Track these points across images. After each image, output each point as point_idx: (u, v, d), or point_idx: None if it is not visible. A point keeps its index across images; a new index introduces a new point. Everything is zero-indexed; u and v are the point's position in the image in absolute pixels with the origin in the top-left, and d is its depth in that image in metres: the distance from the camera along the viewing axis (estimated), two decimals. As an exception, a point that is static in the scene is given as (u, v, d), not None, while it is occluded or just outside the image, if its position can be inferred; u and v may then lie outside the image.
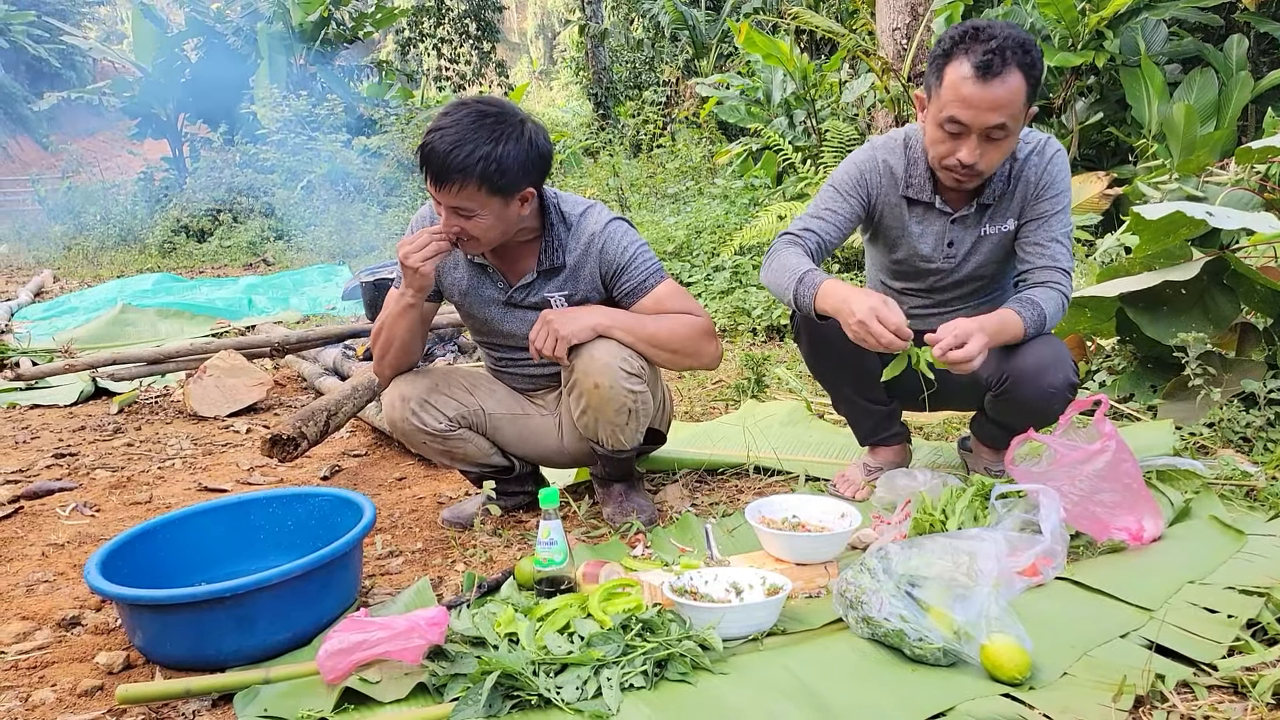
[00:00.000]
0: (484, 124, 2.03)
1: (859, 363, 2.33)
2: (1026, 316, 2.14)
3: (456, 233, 2.10)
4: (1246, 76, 5.09)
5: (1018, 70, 2.00)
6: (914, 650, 1.60)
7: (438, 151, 2.00)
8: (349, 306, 6.64)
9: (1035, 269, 2.23)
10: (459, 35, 17.99)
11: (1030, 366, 2.17)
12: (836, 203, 2.30)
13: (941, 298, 2.42)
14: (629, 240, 2.27)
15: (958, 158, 2.08)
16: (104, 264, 10.99)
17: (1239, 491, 2.27)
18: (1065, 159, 2.26)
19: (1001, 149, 2.09)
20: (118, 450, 3.54)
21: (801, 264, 2.17)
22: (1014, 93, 2.01)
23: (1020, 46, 2.01)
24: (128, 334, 6.12)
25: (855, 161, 2.33)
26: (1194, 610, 1.72)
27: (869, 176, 2.30)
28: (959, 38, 2.04)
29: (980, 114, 2.02)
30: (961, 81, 2.02)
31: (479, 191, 2.03)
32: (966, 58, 2.01)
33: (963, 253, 2.32)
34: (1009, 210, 2.28)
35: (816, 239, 2.28)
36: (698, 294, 5.45)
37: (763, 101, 7.86)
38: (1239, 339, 2.90)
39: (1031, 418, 2.19)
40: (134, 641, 1.83)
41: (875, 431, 2.51)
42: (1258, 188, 3.33)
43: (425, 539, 2.45)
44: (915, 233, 2.33)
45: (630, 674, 1.59)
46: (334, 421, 3.06)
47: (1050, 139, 2.26)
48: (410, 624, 1.61)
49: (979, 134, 2.05)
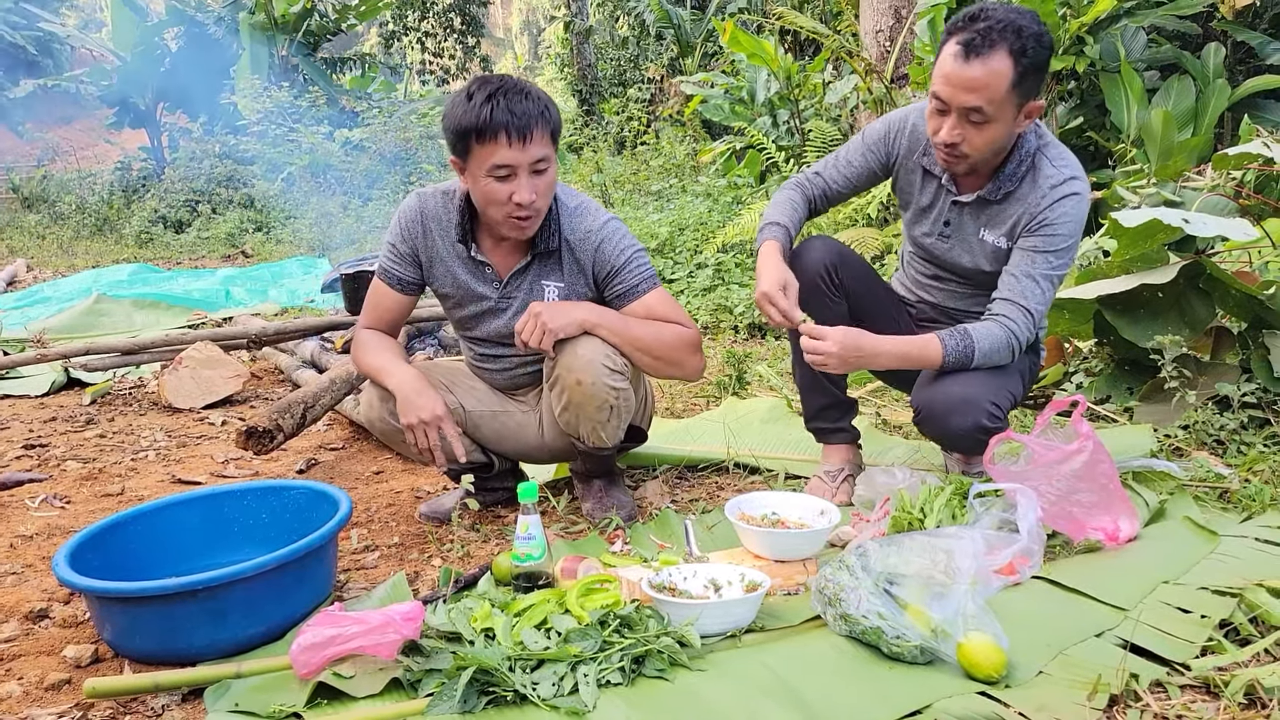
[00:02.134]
0: (520, 82, 2.08)
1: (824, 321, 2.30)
2: (950, 348, 2.12)
3: (532, 201, 2.08)
4: (1223, 84, 5.14)
5: (1005, 53, 1.97)
6: (891, 648, 1.60)
7: (514, 106, 2.01)
8: (328, 299, 6.59)
9: (998, 300, 2.17)
10: (443, 29, 17.89)
11: (937, 405, 2.17)
12: (856, 155, 2.36)
13: (939, 273, 2.41)
14: (626, 243, 2.25)
15: (940, 136, 2.09)
16: (79, 254, 10.84)
17: (1213, 493, 2.29)
18: (1081, 205, 2.13)
19: (985, 134, 2.06)
20: (89, 442, 3.49)
21: (781, 212, 2.29)
22: (993, 75, 1.98)
23: (1014, 30, 1.97)
24: (102, 324, 6.04)
25: (891, 118, 2.35)
26: (1168, 610, 1.73)
27: (894, 136, 2.33)
28: (961, 17, 2.04)
29: (957, 93, 2.02)
30: (946, 58, 2.03)
31: (550, 139, 2.08)
32: (959, 35, 2.02)
33: (957, 241, 2.30)
34: (1006, 222, 2.20)
35: (823, 185, 2.38)
36: (679, 291, 5.45)
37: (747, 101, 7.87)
38: (1214, 342, 2.93)
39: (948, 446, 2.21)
40: (103, 635, 1.80)
41: (820, 416, 2.50)
42: (1233, 194, 3.36)
43: (402, 534, 2.43)
44: (921, 203, 2.34)
45: (607, 670, 1.58)
46: (311, 414, 3.03)
47: (1077, 180, 2.14)
48: (385, 619, 1.60)
49: (958, 113, 2.04)
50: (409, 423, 2.16)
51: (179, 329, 5.50)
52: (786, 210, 2.31)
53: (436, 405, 2.17)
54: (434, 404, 2.17)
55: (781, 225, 2.27)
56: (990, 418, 2.12)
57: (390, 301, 2.34)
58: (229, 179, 12.52)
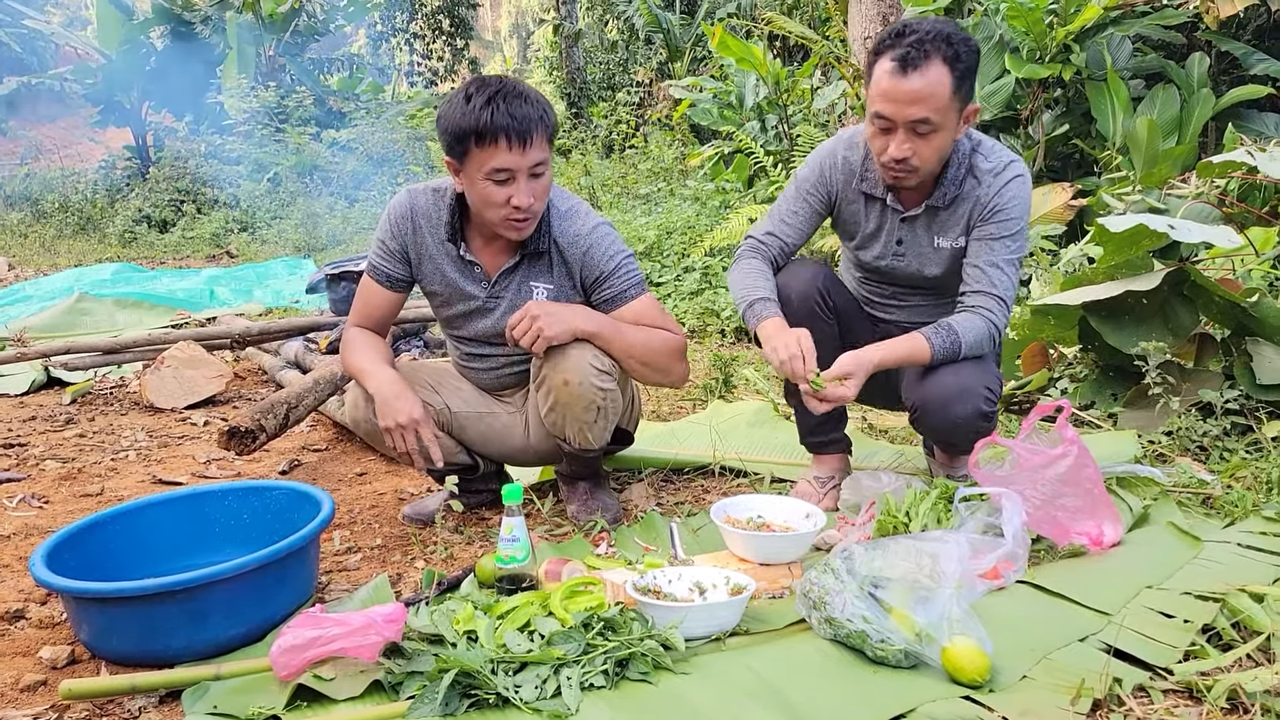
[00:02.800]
0: (518, 85, 2.07)
1: (819, 344, 2.30)
2: (936, 345, 2.14)
3: (530, 205, 2.07)
4: (1208, 93, 5.18)
5: (940, 62, 1.99)
6: (875, 651, 1.60)
7: (513, 111, 2.00)
8: (313, 300, 6.55)
9: (969, 293, 2.20)
10: (432, 31, 17.84)
11: (935, 398, 2.18)
12: (798, 203, 2.34)
13: (896, 290, 2.42)
14: (615, 248, 2.25)
15: (889, 153, 2.08)
16: (62, 252, 10.75)
17: (1196, 499, 2.30)
18: (1025, 185, 2.20)
19: (933, 144, 2.07)
20: (69, 441, 3.45)
21: (757, 286, 2.25)
22: (934, 85, 2.00)
23: (944, 39, 2.00)
24: (84, 323, 5.98)
25: (818, 157, 2.34)
26: (1151, 615, 1.73)
27: (829, 174, 2.32)
28: (887, 35, 2.06)
29: (901, 107, 2.02)
30: (883, 76, 2.03)
31: (548, 142, 2.07)
32: (889, 53, 2.02)
33: (912, 255, 2.31)
34: (959, 223, 2.24)
35: (780, 244, 2.35)
36: (667, 294, 5.45)
37: (735, 105, 7.88)
38: (1197, 349, 2.94)
39: (948, 442, 2.21)
40: (79, 636, 1.78)
41: (817, 432, 2.49)
42: (1217, 201, 3.39)
43: (385, 535, 2.42)
44: (867, 229, 2.33)
45: (591, 673, 1.57)
46: (294, 415, 3.00)
47: (1015, 163, 2.21)
48: (367, 620, 1.58)
49: (905, 128, 2.04)
50: (387, 426, 2.15)
51: (162, 328, 5.46)
52: (763, 282, 2.26)
53: (415, 409, 2.16)
54: (412, 407, 2.15)
55: (772, 300, 2.23)
56: (986, 402, 2.16)
57: (379, 299, 2.33)
58: (214, 179, 12.45)
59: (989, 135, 5.57)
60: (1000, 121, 5.59)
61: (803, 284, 2.30)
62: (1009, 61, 5.21)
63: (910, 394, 2.29)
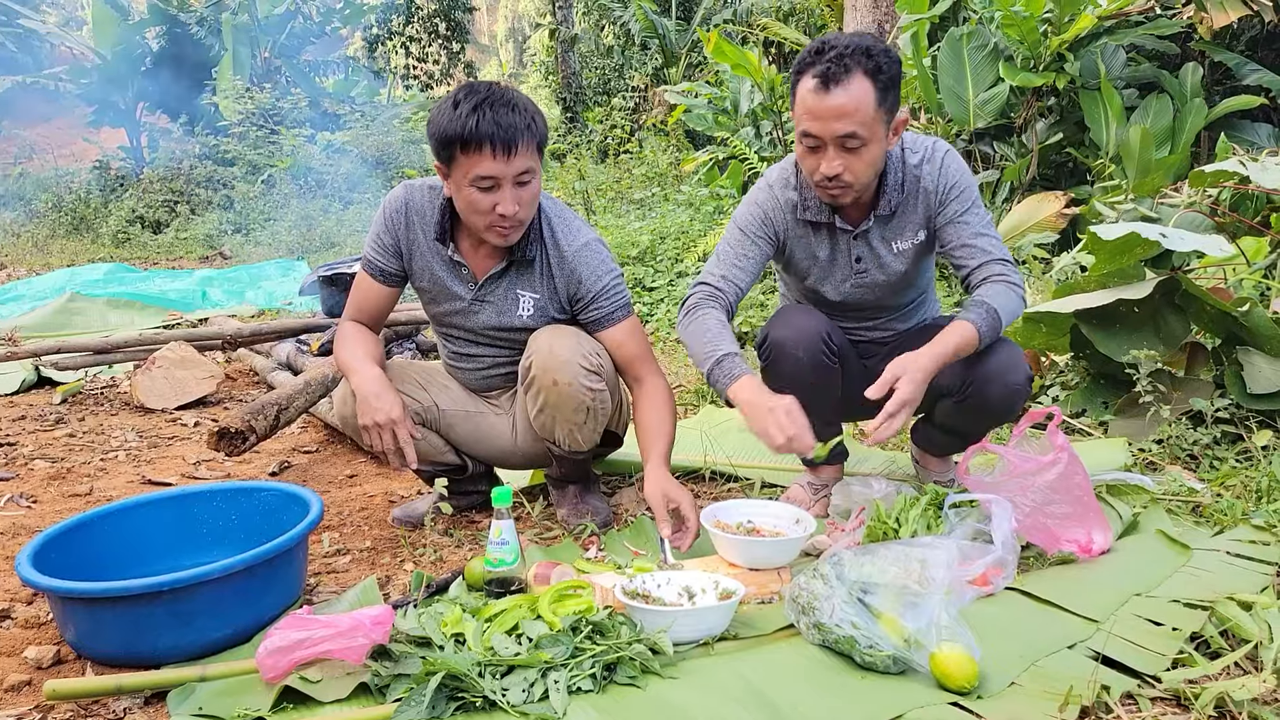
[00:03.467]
0: (507, 92, 2.06)
1: (824, 391, 2.29)
2: (981, 326, 2.05)
3: (515, 213, 2.06)
4: (1200, 103, 5.20)
5: (862, 75, 1.97)
6: (864, 657, 1.60)
7: (499, 118, 1.99)
8: (306, 302, 6.54)
9: (975, 269, 2.16)
10: (428, 34, 17.84)
11: (992, 368, 2.16)
12: (746, 246, 2.25)
13: (862, 309, 2.37)
14: (604, 267, 2.24)
15: (821, 171, 2.05)
16: (54, 252, 10.72)
17: (1185, 507, 2.31)
18: (956, 156, 2.22)
19: (864, 158, 2.04)
20: (59, 441, 3.44)
21: (720, 339, 2.09)
22: (858, 98, 1.97)
23: (863, 52, 1.97)
24: (76, 323, 5.96)
25: (757, 202, 2.27)
26: (1140, 623, 1.74)
27: (772, 215, 2.25)
28: (807, 54, 2.02)
29: (827, 124, 1.99)
30: (807, 94, 2.01)
31: (536, 151, 2.06)
32: (811, 70, 1.99)
33: (874, 269, 2.27)
34: (913, 221, 2.22)
35: (735, 290, 2.21)
36: (660, 299, 5.45)
37: (730, 111, 7.88)
38: (1188, 358, 2.95)
39: (994, 419, 2.19)
40: (65, 636, 1.77)
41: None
42: (1209, 211, 3.40)
43: (374, 537, 2.41)
44: (822, 257, 2.28)
45: (578, 677, 1.56)
46: (285, 416, 3.00)
47: (937, 142, 2.22)
48: (354, 623, 1.58)
49: (833, 144, 2.01)
50: (364, 424, 2.15)
51: (153, 329, 5.44)
52: (726, 335, 2.11)
53: (393, 409, 2.14)
54: (391, 407, 2.14)
55: (738, 355, 2.08)
56: (1029, 370, 2.18)
57: (373, 293, 2.32)
58: (209, 180, 12.43)
59: (983, 143, 5.61)
60: (994, 129, 5.60)
61: (809, 337, 2.21)
62: (1003, 69, 5.23)
63: (951, 374, 2.17)
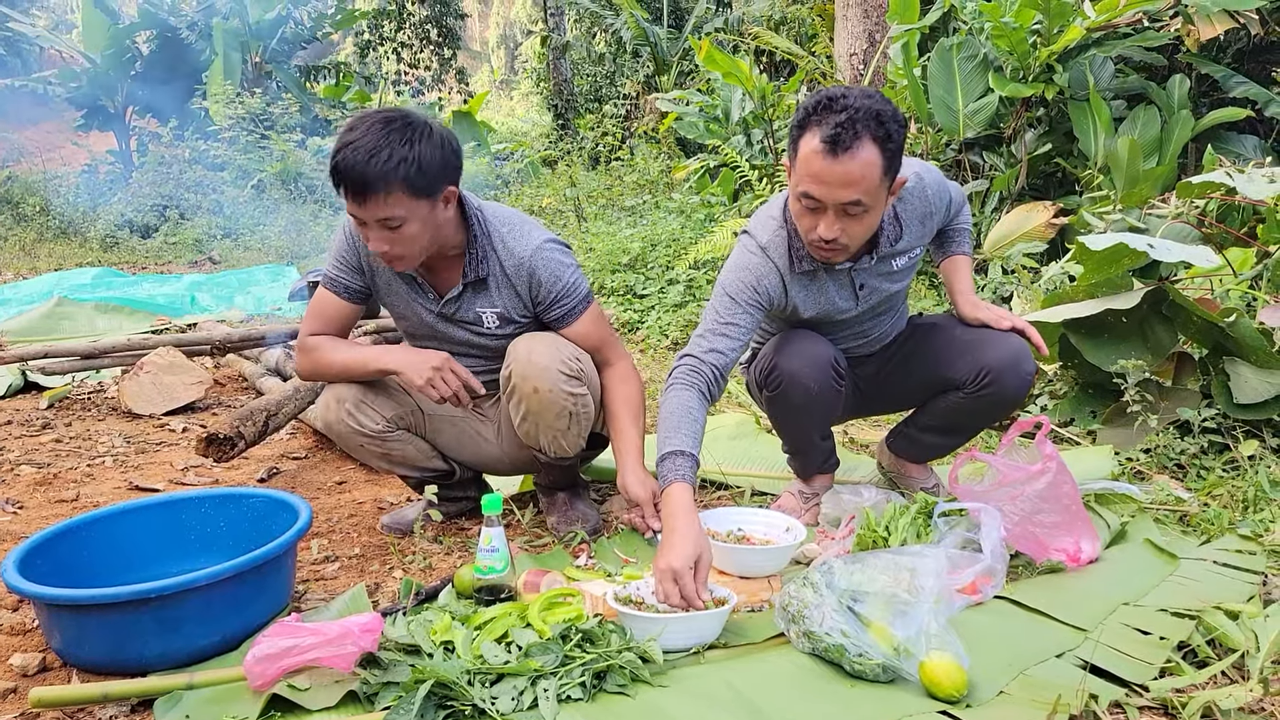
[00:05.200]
0: (393, 129, 1.96)
1: (829, 413, 2.32)
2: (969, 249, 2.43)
3: (385, 251, 2.03)
4: (1187, 115, 5.24)
5: (871, 143, 1.87)
6: (854, 666, 1.60)
7: (355, 164, 1.92)
8: (295, 307, 6.52)
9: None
10: (419, 40, 17.84)
11: (1006, 358, 2.23)
12: (735, 315, 2.13)
13: (858, 328, 2.38)
14: (562, 269, 2.22)
15: (818, 233, 1.98)
16: (42, 256, 10.66)
17: (1173, 516, 2.32)
18: (932, 172, 2.28)
19: (863, 223, 1.98)
20: (45, 446, 3.42)
21: (679, 430, 1.96)
22: (866, 167, 1.88)
23: (874, 118, 1.88)
24: (63, 328, 5.93)
25: (748, 268, 2.16)
26: (1127, 631, 1.74)
27: (765, 283, 2.15)
28: (813, 108, 1.93)
29: (832, 190, 1.91)
30: (812, 156, 1.90)
31: (405, 196, 1.96)
32: (818, 130, 1.89)
33: (877, 290, 2.27)
34: (908, 240, 2.24)
35: (722, 361, 2.09)
36: (651, 307, 5.46)
37: (721, 119, 7.91)
38: (1176, 368, 2.97)
39: (1004, 410, 2.21)
40: (51, 643, 1.76)
41: (821, 465, 2.48)
42: (1196, 221, 3.43)
43: (363, 544, 2.40)
44: (828, 295, 2.24)
45: (568, 685, 1.56)
46: (274, 422, 2.99)
47: (911, 169, 2.18)
48: (343, 630, 1.57)
49: (834, 209, 1.94)
50: (427, 378, 2.13)
51: (142, 334, 5.42)
52: (686, 428, 1.97)
53: (437, 353, 2.17)
54: (434, 352, 2.17)
55: (687, 455, 1.93)
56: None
57: (335, 310, 2.29)
58: (198, 184, 12.39)
59: (972, 153, 5.63)
60: (984, 139, 5.63)
61: (819, 367, 2.20)
62: (993, 80, 5.26)
63: (964, 367, 2.25)
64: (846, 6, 6.31)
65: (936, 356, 2.34)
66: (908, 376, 2.40)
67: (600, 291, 5.88)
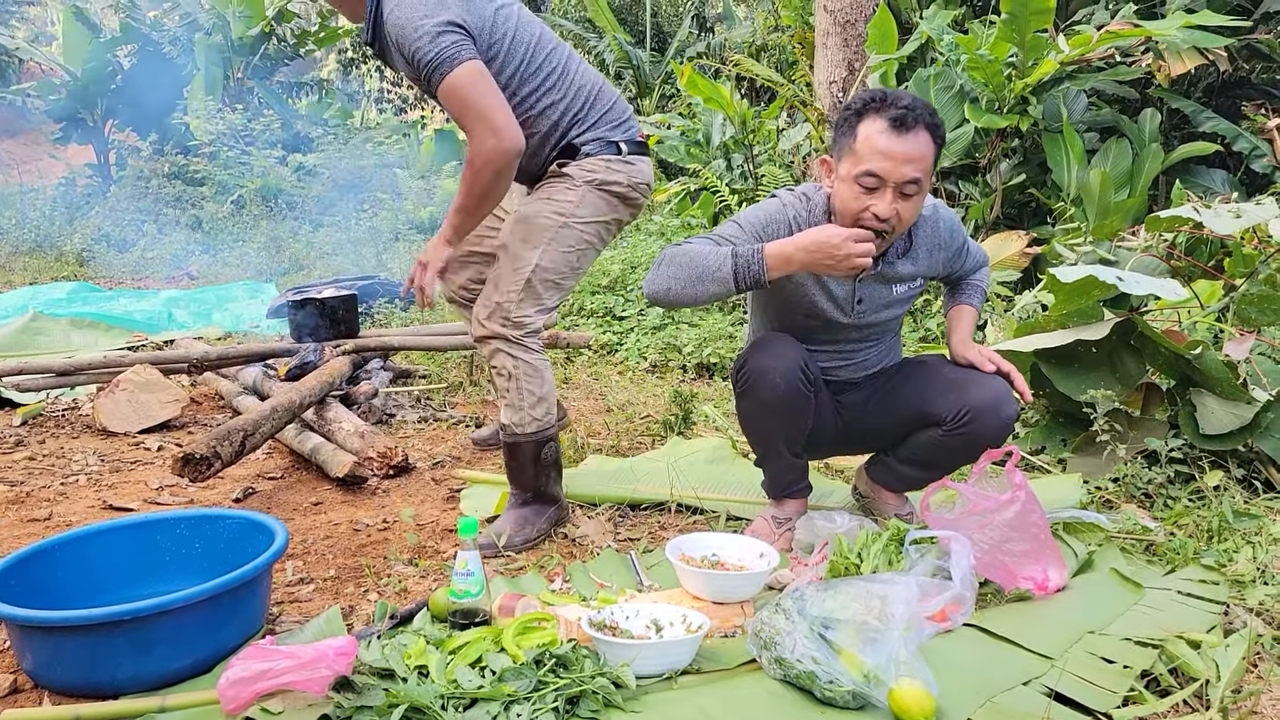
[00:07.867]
0: None
1: (797, 419, 2.34)
2: (978, 304, 2.54)
3: None
4: (1158, 149, 5.35)
5: (926, 130, 2.09)
6: (824, 692, 1.62)
7: None
8: (274, 325, 6.50)
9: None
10: (403, 59, 17.85)
11: (988, 400, 2.27)
12: (740, 237, 2.24)
13: (844, 346, 2.44)
14: (413, 30, 2.13)
15: (874, 211, 2.10)
16: (16, 270, 10.55)
17: (1139, 545, 2.36)
18: (943, 210, 2.40)
19: (913, 206, 2.14)
20: (18, 464, 3.39)
21: (721, 247, 2.13)
22: (925, 149, 2.09)
23: (929, 111, 2.10)
24: (38, 343, 5.87)
25: (765, 209, 2.29)
26: (1093, 660, 1.77)
27: (776, 222, 2.26)
28: (871, 99, 2.11)
29: (897, 166, 2.06)
30: (877, 135, 2.07)
31: None
32: (880, 115, 2.08)
33: (872, 309, 2.36)
34: (915, 267, 2.34)
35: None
36: (630, 329, 5.48)
37: (702, 143, 7.98)
38: (1144, 398, 3.02)
39: (978, 451, 2.25)
40: (23, 665, 1.75)
41: (792, 485, 2.49)
42: (1165, 255, 3.50)
43: (339, 566, 2.40)
44: (823, 292, 2.32)
45: (541, 710, 1.57)
46: (250, 442, 2.98)
47: (931, 198, 2.36)
48: (317, 654, 1.57)
49: (894, 188, 2.08)
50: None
51: (118, 351, 5.38)
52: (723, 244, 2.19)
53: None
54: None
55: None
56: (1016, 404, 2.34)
57: None
58: (177, 199, 12.31)
59: (949, 181, 5.72)
60: (959, 169, 5.72)
61: (787, 364, 2.24)
62: (968, 111, 5.35)
63: (946, 405, 2.31)
64: (826, 35, 6.41)
65: (921, 392, 2.39)
66: (892, 408, 2.44)
67: (579, 313, 5.90)
